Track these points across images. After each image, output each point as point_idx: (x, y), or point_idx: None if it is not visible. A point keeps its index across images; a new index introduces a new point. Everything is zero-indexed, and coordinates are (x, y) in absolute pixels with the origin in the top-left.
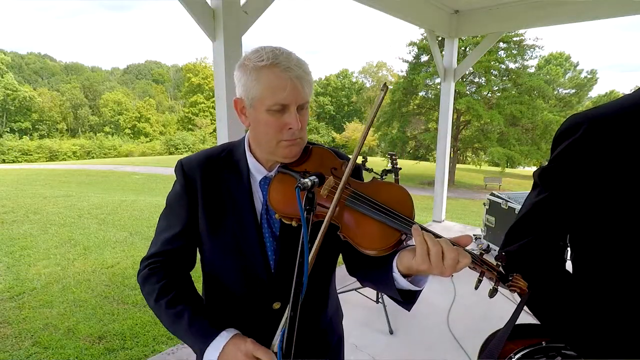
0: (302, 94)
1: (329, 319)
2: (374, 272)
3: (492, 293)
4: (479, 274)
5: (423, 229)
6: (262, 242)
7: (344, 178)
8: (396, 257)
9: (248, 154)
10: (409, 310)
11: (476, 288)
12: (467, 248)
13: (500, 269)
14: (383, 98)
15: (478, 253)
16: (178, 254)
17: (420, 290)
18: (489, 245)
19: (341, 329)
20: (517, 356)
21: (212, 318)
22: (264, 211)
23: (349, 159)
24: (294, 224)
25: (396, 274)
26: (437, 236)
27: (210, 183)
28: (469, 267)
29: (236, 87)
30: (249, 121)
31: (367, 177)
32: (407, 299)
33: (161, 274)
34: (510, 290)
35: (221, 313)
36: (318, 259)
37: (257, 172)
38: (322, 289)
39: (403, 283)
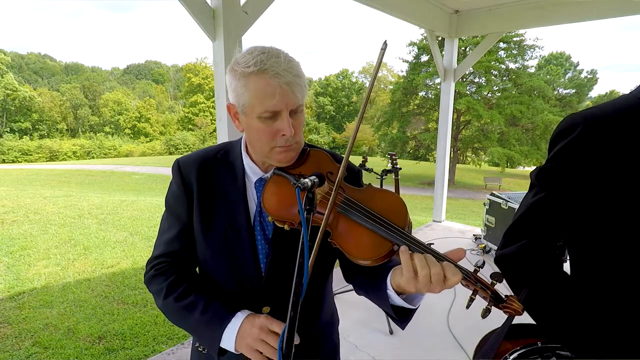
0: (293, 99)
1: (323, 325)
2: (369, 284)
3: (485, 313)
4: (471, 292)
5: (413, 244)
6: (254, 245)
7: (335, 184)
8: (390, 274)
9: (244, 154)
10: (402, 329)
11: (467, 307)
12: (462, 263)
13: (495, 288)
14: (382, 56)
15: (473, 270)
16: (181, 254)
17: (415, 309)
18: (484, 262)
19: (336, 337)
20: (512, 356)
21: (226, 304)
22: (258, 213)
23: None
24: (286, 227)
25: (390, 291)
26: (426, 250)
27: (205, 182)
28: (462, 284)
29: (228, 92)
30: (242, 127)
31: (366, 177)
32: (402, 317)
33: (168, 272)
34: (504, 312)
35: None
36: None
37: (253, 173)
38: (315, 295)
39: (397, 300)
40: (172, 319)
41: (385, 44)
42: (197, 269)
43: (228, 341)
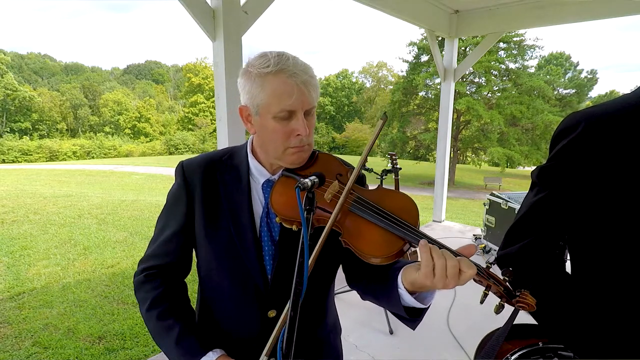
0: (308, 99)
1: (326, 333)
2: (377, 287)
3: (499, 309)
4: (484, 288)
5: (429, 240)
6: (260, 247)
7: (348, 183)
8: (401, 273)
9: (250, 157)
10: (413, 329)
11: (482, 302)
12: (472, 260)
13: (507, 284)
14: (382, 127)
15: (485, 266)
16: (174, 256)
17: (426, 309)
18: (496, 260)
19: (339, 346)
20: (513, 357)
21: (202, 336)
22: (264, 215)
23: (353, 168)
24: (294, 228)
25: (402, 290)
26: (441, 246)
27: (209, 185)
28: (474, 280)
29: (240, 95)
30: (255, 128)
31: (367, 177)
32: (412, 317)
33: (157, 281)
34: (517, 307)
35: (216, 319)
36: (317, 268)
37: (260, 175)
38: (319, 301)
39: (409, 300)
40: (150, 332)
41: (385, 115)
42: (185, 278)
43: None
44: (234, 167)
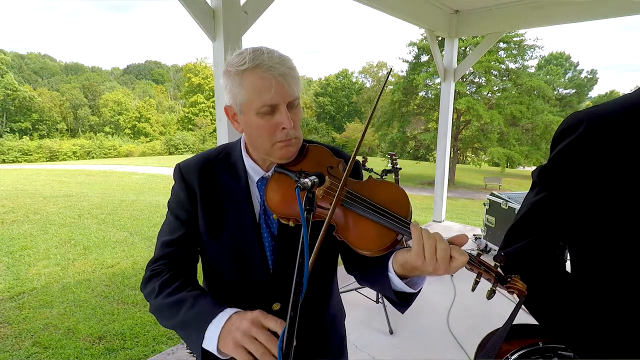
0: (289, 91)
1: (331, 318)
2: (371, 272)
3: (490, 295)
4: (476, 275)
5: None
6: (261, 242)
7: (342, 182)
8: (392, 257)
9: (245, 155)
10: (402, 313)
11: (473, 290)
12: (465, 249)
13: (499, 269)
14: (386, 82)
15: (476, 254)
16: (182, 257)
17: (416, 294)
18: (487, 245)
19: (343, 329)
20: (513, 357)
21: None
22: (262, 211)
23: (345, 156)
24: (291, 224)
25: (391, 274)
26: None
27: (208, 185)
28: (466, 268)
29: (224, 95)
30: (242, 127)
31: (366, 177)
32: (403, 301)
33: (163, 272)
34: (508, 292)
35: None
36: (318, 259)
37: (254, 172)
38: (324, 288)
39: (398, 284)
40: (162, 320)
41: (391, 69)
42: (196, 274)
43: (210, 341)
44: (231, 165)
